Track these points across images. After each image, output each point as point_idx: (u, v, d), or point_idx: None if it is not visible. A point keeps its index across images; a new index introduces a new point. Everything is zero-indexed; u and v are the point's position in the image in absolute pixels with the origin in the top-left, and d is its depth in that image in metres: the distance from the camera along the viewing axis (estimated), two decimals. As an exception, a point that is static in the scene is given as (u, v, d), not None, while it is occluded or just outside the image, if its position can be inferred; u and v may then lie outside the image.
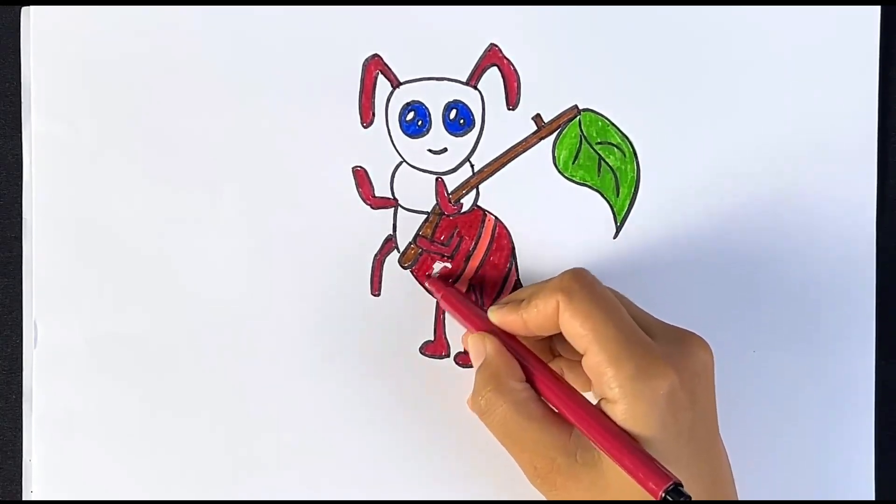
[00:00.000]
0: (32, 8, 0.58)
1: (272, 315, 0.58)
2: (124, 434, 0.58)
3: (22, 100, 0.58)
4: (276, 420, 0.58)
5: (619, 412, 0.50)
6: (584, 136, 0.59)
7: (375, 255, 0.59)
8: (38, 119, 0.58)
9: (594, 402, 0.52)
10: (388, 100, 0.58)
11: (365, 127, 0.59)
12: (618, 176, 0.59)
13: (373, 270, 0.59)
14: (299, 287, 0.58)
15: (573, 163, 0.59)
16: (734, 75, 0.59)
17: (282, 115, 0.58)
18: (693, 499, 0.46)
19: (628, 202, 0.59)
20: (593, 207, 0.58)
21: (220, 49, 0.58)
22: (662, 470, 0.47)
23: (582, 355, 0.52)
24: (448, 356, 0.59)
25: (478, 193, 0.59)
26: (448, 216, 0.59)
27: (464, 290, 0.59)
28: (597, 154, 0.59)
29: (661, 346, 0.51)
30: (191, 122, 0.58)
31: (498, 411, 0.53)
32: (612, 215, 0.59)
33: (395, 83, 0.58)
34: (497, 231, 0.59)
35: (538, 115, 0.59)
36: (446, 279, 0.59)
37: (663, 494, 0.47)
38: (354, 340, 0.59)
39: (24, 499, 0.58)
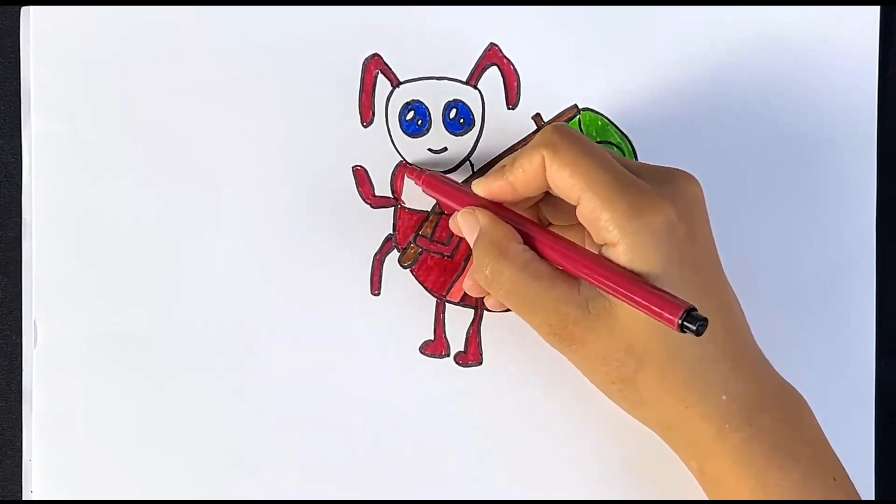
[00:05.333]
0: (32, 8, 0.58)
1: (272, 314, 0.58)
2: (124, 434, 0.58)
3: (22, 100, 0.58)
4: (276, 420, 0.58)
5: (622, 253, 0.50)
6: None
7: (375, 255, 0.59)
8: (38, 119, 0.58)
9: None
10: (388, 99, 0.58)
11: (365, 126, 0.59)
12: (618, 175, 0.59)
13: (373, 270, 0.59)
14: (299, 286, 0.58)
15: (573, 162, 0.59)
16: (734, 75, 0.59)
17: (282, 114, 0.58)
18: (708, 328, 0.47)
19: (628, 202, 0.59)
20: (593, 207, 0.58)
21: (220, 49, 0.58)
22: (673, 299, 0.48)
23: (574, 210, 0.51)
24: (448, 356, 0.59)
25: (478, 193, 0.59)
26: (448, 215, 0.59)
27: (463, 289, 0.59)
28: (597, 154, 0.59)
29: (651, 184, 0.51)
30: (190, 121, 0.58)
31: (504, 277, 0.52)
32: (612, 215, 0.59)
33: (395, 82, 0.58)
34: (497, 230, 0.59)
35: (538, 115, 0.59)
36: (422, 167, 0.59)
37: (680, 322, 0.47)
38: (354, 340, 0.59)
39: (23, 499, 0.58)
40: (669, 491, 0.59)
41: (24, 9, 0.58)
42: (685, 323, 0.47)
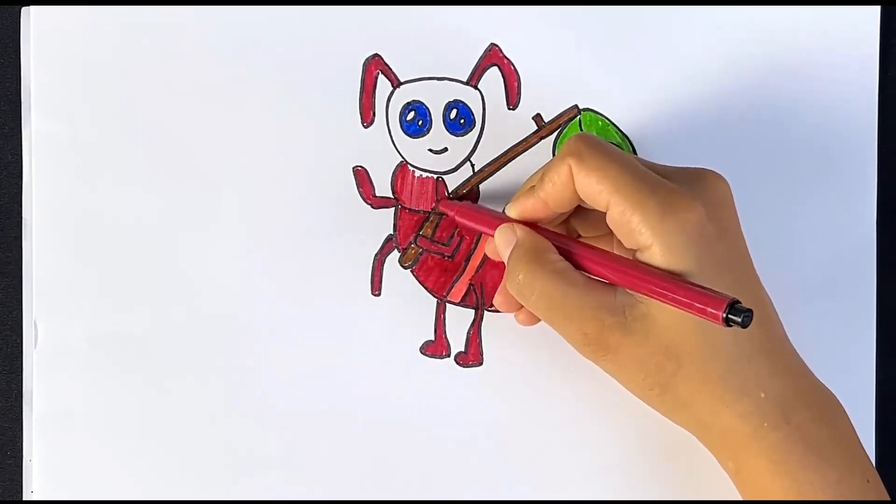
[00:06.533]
0: (32, 8, 0.58)
1: (272, 314, 0.58)
2: (124, 434, 0.58)
3: (22, 100, 0.58)
4: (276, 420, 0.58)
5: (657, 254, 0.50)
6: (585, 136, 0.59)
7: (376, 255, 0.59)
8: (38, 119, 0.58)
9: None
10: (389, 99, 0.58)
11: (365, 127, 0.59)
12: (618, 176, 0.59)
13: (373, 270, 0.59)
14: (299, 287, 0.58)
15: (573, 162, 0.59)
16: (734, 75, 0.59)
17: (282, 115, 0.58)
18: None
19: (628, 202, 0.59)
20: (594, 207, 0.58)
21: (221, 49, 0.58)
22: (715, 294, 0.48)
23: (603, 219, 0.52)
24: (448, 356, 0.59)
25: (478, 193, 0.59)
26: (449, 217, 0.59)
27: (464, 289, 0.59)
28: (597, 154, 0.59)
29: (679, 185, 0.51)
30: (190, 121, 0.58)
31: (538, 283, 0.52)
32: (612, 215, 0.59)
33: (396, 83, 0.58)
34: (498, 231, 0.59)
35: (538, 115, 0.59)
36: (454, 197, 0.59)
37: (724, 315, 0.47)
38: (355, 340, 0.59)
39: (24, 499, 0.58)
40: (671, 489, 0.59)
41: (24, 9, 0.58)
42: (730, 316, 0.47)
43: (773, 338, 0.53)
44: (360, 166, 0.58)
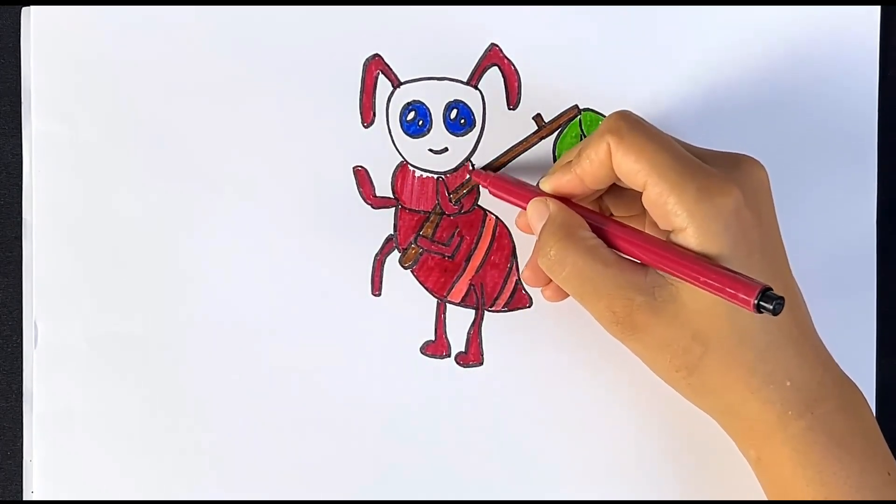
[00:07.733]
0: (32, 8, 0.58)
1: (272, 314, 0.58)
2: (124, 434, 0.58)
3: (22, 100, 0.58)
4: (276, 420, 0.58)
5: (691, 237, 0.50)
6: (585, 136, 0.59)
7: (376, 255, 0.59)
8: (38, 119, 0.58)
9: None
10: (389, 100, 0.58)
11: (365, 127, 0.59)
12: (618, 176, 0.59)
13: (373, 270, 0.59)
14: (299, 287, 0.58)
15: (573, 162, 0.59)
16: (733, 75, 0.59)
17: (282, 115, 0.58)
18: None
19: (629, 202, 0.59)
20: (594, 207, 0.58)
21: (221, 49, 0.58)
22: (748, 280, 0.48)
23: (637, 199, 0.52)
24: (448, 356, 0.59)
25: (479, 193, 0.59)
26: (449, 216, 0.59)
27: (464, 289, 0.59)
28: (597, 154, 0.59)
29: (717, 168, 0.51)
30: (191, 122, 0.58)
31: (569, 259, 0.52)
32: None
33: (396, 83, 0.58)
34: (498, 231, 0.59)
35: (539, 115, 0.59)
36: (486, 168, 0.59)
37: (756, 301, 0.47)
38: (355, 340, 0.59)
39: (24, 499, 0.58)
40: (671, 489, 0.59)
41: (24, 9, 0.58)
42: (761, 303, 0.47)
43: (802, 327, 0.53)
44: (361, 166, 0.58)
